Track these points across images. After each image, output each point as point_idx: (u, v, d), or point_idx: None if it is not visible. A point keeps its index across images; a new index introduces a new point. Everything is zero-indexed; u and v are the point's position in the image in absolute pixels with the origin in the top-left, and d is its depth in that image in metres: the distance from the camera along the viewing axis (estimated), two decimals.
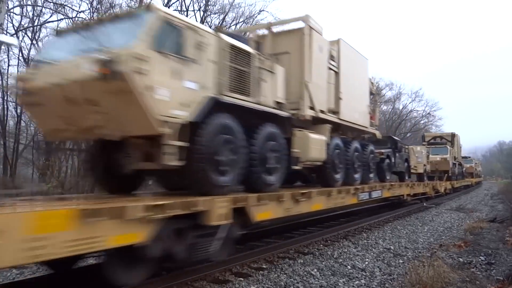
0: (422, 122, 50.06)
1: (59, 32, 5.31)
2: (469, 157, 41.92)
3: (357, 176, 9.26)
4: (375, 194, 10.16)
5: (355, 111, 9.48)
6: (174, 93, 4.41)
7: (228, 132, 5.10)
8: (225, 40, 5.31)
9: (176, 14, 4.84)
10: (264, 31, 7.92)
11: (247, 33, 8.63)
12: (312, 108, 7.45)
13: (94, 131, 4.55)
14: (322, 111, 7.81)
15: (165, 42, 4.37)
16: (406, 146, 17.48)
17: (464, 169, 33.33)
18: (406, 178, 14.46)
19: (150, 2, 6.39)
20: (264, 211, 5.64)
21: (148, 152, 4.85)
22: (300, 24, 7.49)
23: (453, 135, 27.24)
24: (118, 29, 4.49)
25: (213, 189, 4.90)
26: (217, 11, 22.71)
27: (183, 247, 4.43)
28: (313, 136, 7.22)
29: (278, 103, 6.52)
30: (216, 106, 4.94)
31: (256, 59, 5.91)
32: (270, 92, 6.28)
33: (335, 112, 8.52)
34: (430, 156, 21.91)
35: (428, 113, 49.04)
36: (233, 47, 5.45)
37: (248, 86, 5.73)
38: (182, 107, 4.53)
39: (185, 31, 4.68)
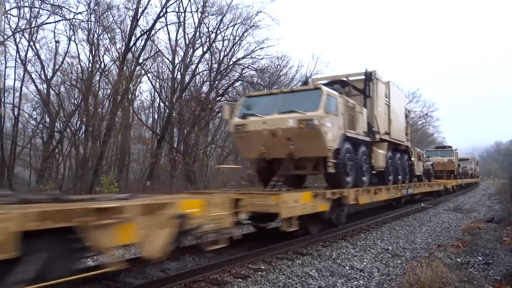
0: (419, 123, 50.21)
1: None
2: (450, 147, 28.97)
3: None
4: None
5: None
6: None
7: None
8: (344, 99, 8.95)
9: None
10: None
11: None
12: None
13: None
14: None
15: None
16: None
17: (430, 164, 19.16)
18: None
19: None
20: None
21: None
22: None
23: (368, 78, 10.82)
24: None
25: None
26: (214, 12, 22.78)
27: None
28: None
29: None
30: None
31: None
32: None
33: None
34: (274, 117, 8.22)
35: (426, 114, 49.18)
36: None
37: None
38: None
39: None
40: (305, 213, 7.07)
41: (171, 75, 23.10)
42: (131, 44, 19.66)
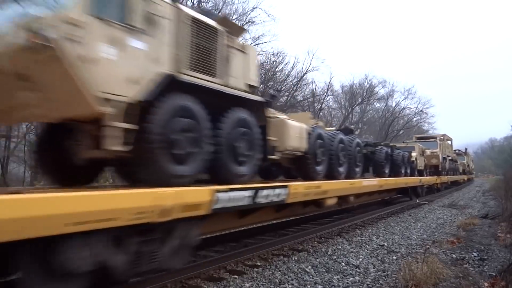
0: (414, 119, 50.38)
1: None
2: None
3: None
4: None
5: None
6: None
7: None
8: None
9: None
10: None
11: None
12: None
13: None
14: None
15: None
16: None
17: None
18: None
19: None
20: None
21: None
22: None
23: None
24: None
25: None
26: (210, 7, 22.65)
27: None
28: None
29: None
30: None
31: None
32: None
33: None
34: None
35: (421, 111, 49.24)
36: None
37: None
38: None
39: None
40: None
41: None
42: None
